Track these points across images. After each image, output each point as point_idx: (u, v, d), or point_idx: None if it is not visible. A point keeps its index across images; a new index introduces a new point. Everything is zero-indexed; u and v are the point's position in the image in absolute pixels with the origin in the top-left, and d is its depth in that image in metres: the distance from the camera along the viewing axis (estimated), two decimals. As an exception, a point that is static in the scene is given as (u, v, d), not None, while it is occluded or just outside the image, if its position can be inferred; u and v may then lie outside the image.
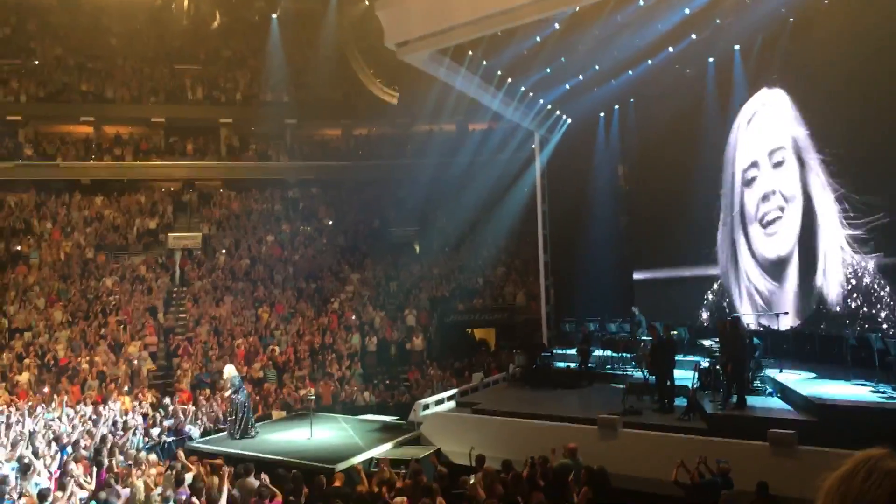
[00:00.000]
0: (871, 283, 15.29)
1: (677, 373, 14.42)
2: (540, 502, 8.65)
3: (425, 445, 14.72)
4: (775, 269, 18.09)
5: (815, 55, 16.53)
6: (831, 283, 16.27)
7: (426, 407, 16.11)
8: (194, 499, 9.65)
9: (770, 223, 18.11)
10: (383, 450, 14.17)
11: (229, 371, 16.13)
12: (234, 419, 15.68)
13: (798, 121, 17.13)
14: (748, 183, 18.75)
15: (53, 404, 17.49)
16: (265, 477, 10.44)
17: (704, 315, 20.06)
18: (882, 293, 15.02)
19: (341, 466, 12.22)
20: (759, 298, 18.50)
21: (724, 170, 19.50)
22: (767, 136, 18.14)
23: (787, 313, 17.19)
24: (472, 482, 9.64)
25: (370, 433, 15.65)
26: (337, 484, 10.32)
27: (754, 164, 18.57)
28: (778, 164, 17.81)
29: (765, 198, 18.25)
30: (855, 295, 15.68)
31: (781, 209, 17.76)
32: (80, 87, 31.52)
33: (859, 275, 15.55)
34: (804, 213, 17.08)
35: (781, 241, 17.83)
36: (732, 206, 19.28)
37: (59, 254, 27.18)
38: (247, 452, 13.92)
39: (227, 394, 16.24)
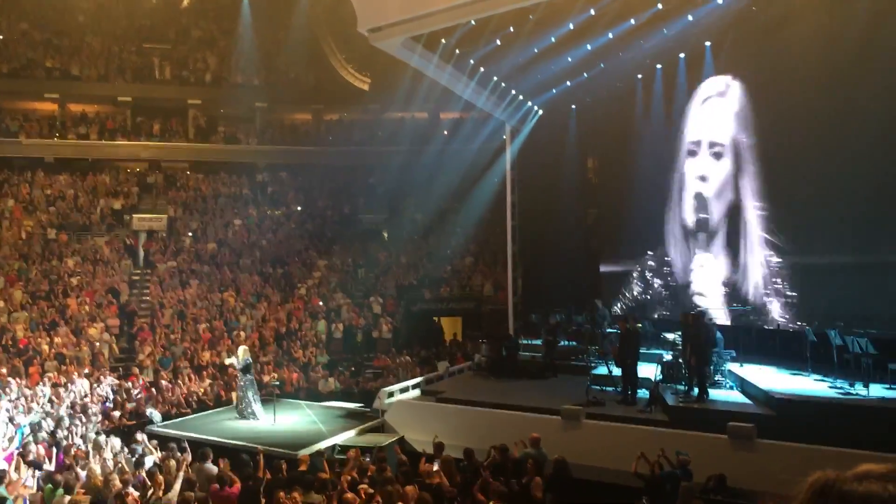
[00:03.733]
0: (783, 282, 16.90)
1: (641, 366, 14.55)
2: (497, 490, 8.68)
3: (389, 433, 14.72)
4: (699, 243, 19.37)
5: (781, 57, 17.02)
6: (749, 279, 17.75)
7: (391, 395, 16.08)
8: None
9: (700, 202, 19.26)
10: (347, 437, 14.15)
11: (241, 352, 16.19)
12: (246, 400, 15.67)
13: (745, 124, 18.05)
14: (691, 154, 19.63)
15: (11, 385, 17.17)
16: (224, 462, 10.38)
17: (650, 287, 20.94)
18: (790, 291, 16.70)
19: (305, 452, 12.17)
20: (682, 259, 19.85)
21: (679, 138, 20.15)
22: (713, 126, 18.96)
23: (747, 307, 17.50)
24: (434, 468, 9.67)
25: (334, 420, 15.62)
26: (302, 468, 10.28)
27: (697, 143, 19.46)
28: (716, 156, 18.83)
29: (702, 178, 19.25)
30: (768, 292, 17.18)
31: (710, 196, 19.01)
32: (46, 64, 30.90)
33: (774, 274, 17.06)
34: (730, 208, 18.43)
35: (708, 224, 19.12)
36: (677, 172, 20.07)
37: (20, 232, 26.65)
38: (208, 437, 13.81)
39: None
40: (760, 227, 17.49)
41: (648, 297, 20.85)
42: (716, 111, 18.90)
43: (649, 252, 20.71)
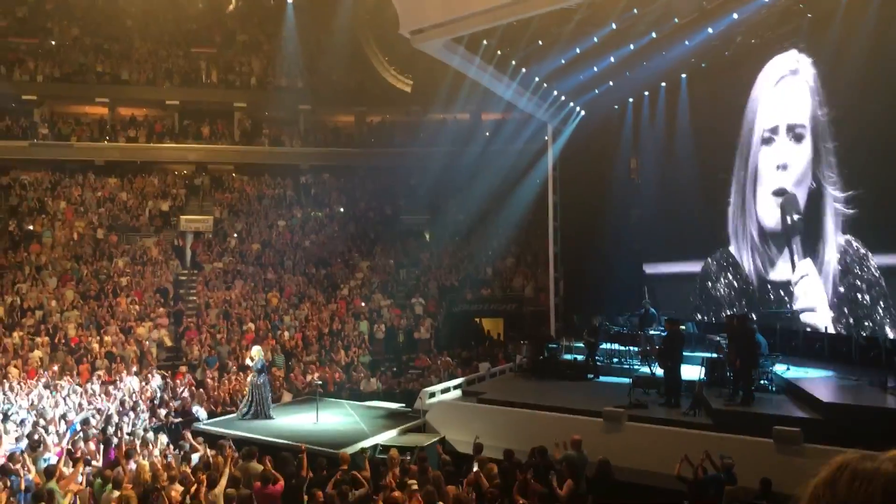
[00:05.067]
0: (869, 280, 15.11)
1: (684, 368, 14.40)
2: (537, 491, 8.69)
3: (430, 433, 14.76)
4: (776, 240, 17.98)
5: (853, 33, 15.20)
6: (831, 275, 16.07)
7: (432, 395, 16.14)
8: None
9: (779, 194, 17.74)
10: (388, 436, 14.23)
11: (255, 352, 16.25)
12: (250, 400, 15.80)
13: (820, 101, 16.36)
14: (767, 142, 18.13)
15: (63, 383, 17.63)
16: (268, 460, 10.52)
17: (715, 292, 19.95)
18: (877, 290, 14.88)
19: (346, 451, 12.28)
20: (762, 267, 18.44)
21: (741, 132, 18.92)
22: (791, 107, 17.40)
23: (799, 311, 17.13)
24: (475, 469, 9.70)
25: (376, 419, 15.72)
26: (343, 467, 10.39)
27: (774, 130, 17.91)
28: (797, 139, 17.24)
29: (778, 168, 17.80)
30: (853, 291, 15.50)
31: (791, 185, 17.45)
32: (96, 68, 31.62)
33: (857, 271, 15.36)
34: (810, 196, 16.76)
35: (787, 217, 17.56)
36: (748, 165, 18.73)
37: (71, 233, 27.35)
38: (252, 435, 14.01)
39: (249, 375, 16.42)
40: (841, 220, 15.66)
41: (708, 299, 20.11)
42: (791, 90, 17.31)
43: (707, 254, 20.03)
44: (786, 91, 17.63)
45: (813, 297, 16.72)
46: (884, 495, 1.08)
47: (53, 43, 32.14)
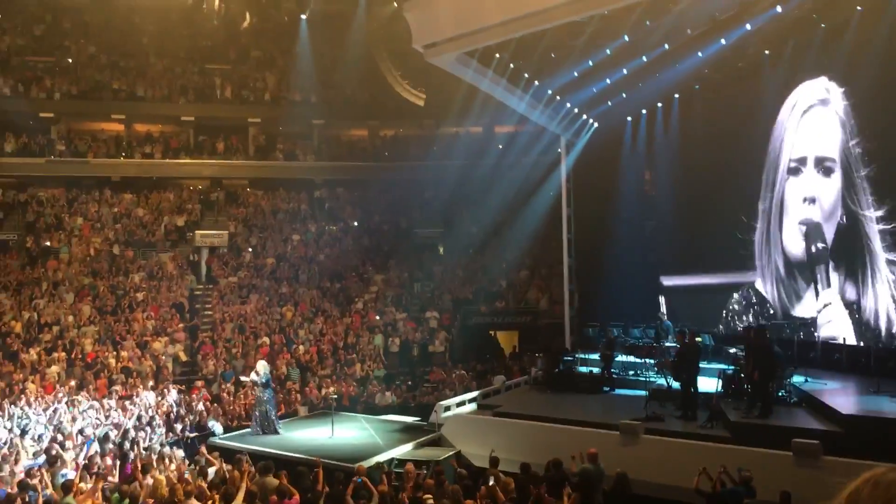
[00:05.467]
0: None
1: (701, 380, 14.30)
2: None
3: (446, 447, 14.73)
4: (802, 271, 17.79)
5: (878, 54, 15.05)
6: (879, 300, 15.56)
7: (447, 408, 16.11)
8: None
9: (805, 224, 17.50)
10: (404, 450, 14.21)
11: (261, 367, 16.30)
12: (257, 415, 15.85)
13: (850, 130, 16.12)
14: (794, 172, 17.83)
15: (80, 398, 17.72)
16: (284, 475, 10.52)
17: (737, 322, 19.68)
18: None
19: (362, 464, 12.26)
20: (787, 301, 18.23)
21: (766, 160, 18.69)
22: (820, 139, 17.17)
23: (812, 322, 17.00)
24: (490, 484, 9.67)
25: (391, 433, 15.70)
26: (359, 476, 10.40)
27: (802, 161, 17.63)
28: (826, 173, 16.96)
29: (806, 200, 17.52)
30: None
31: (818, 218, 17.19)
32: (112, 86, 31.87)
33: None
34: (845, 228, 16.43)
35: (811, 246, 17.39)
36: (773, 195, 18.50)
37: (88, 249, 27.53)
38: (268, 450, 14.02)
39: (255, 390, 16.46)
40: (884, 243, 15.35)
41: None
42: (821, 121, 17.08)
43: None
44: (815, 121, 17.34)
45: (838, 326, 16.53)
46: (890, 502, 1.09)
47: (70, 61, 32.43)
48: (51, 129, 31.10)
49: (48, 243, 27.68)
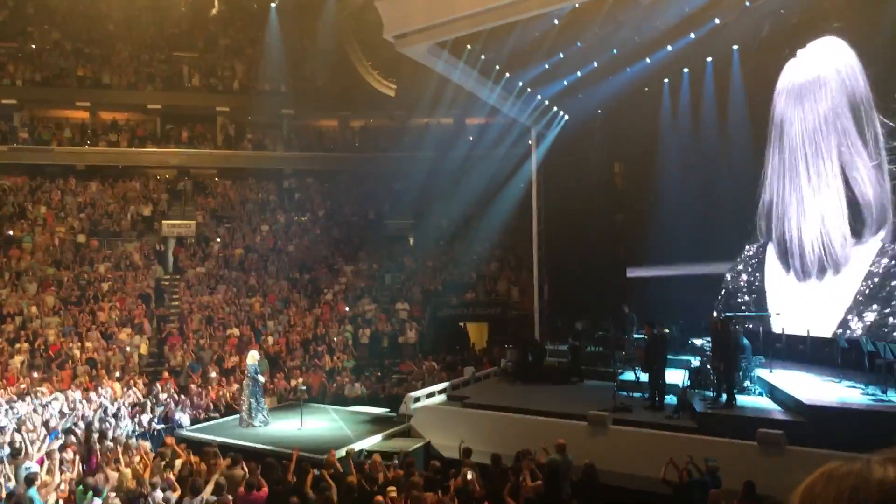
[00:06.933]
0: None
1: (668, 371, 14.45)
2: (528, 494, 8.69)
3: (415, 438, 14.74)
4: (773, 261, 17.93)
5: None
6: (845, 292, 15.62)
7: (417, 400, 16.11)
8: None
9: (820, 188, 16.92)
10: (373, 441, 14.20)
11: (250, 357, 16.32)
12: (244, 406, 15.76)
13: (862, 85, 15.42)
14: (812, 143, 17.05)
15: (43, 389, 17.43)
16: (251, 465, 10.45)
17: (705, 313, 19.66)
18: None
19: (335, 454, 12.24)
20: (754, 287, 18.38)
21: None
22: (830, 100, 16.42)
23: (779, 314, 17.22)
24: (469, 477, 9.67)
25: (360, 424, 15.69)
26: (329, 470, 10.38)
27: (818, 130, 16.80)
28: (840, 132, 16.13)
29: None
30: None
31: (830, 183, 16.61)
32: (77, 72, 31.35)
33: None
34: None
35: (784, 238, 17.52)
36: (786, 160, 17.84)
37: (52, 239, 27.07)
38: (236, 441, 13.94)
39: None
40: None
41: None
42: (827, 84, 16.34)
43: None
44: (824, 82, 16.63)
45: (803, 318, 16.56)
46: (851, 492, 1.11)
47: (34, 47, 31.82)
48: (13, 116, 30.54)
49: (11, 232, 27.14)
